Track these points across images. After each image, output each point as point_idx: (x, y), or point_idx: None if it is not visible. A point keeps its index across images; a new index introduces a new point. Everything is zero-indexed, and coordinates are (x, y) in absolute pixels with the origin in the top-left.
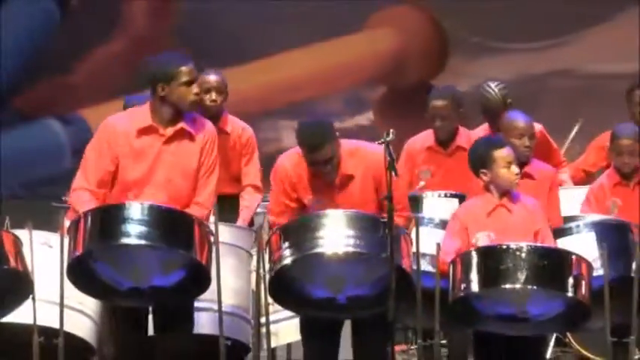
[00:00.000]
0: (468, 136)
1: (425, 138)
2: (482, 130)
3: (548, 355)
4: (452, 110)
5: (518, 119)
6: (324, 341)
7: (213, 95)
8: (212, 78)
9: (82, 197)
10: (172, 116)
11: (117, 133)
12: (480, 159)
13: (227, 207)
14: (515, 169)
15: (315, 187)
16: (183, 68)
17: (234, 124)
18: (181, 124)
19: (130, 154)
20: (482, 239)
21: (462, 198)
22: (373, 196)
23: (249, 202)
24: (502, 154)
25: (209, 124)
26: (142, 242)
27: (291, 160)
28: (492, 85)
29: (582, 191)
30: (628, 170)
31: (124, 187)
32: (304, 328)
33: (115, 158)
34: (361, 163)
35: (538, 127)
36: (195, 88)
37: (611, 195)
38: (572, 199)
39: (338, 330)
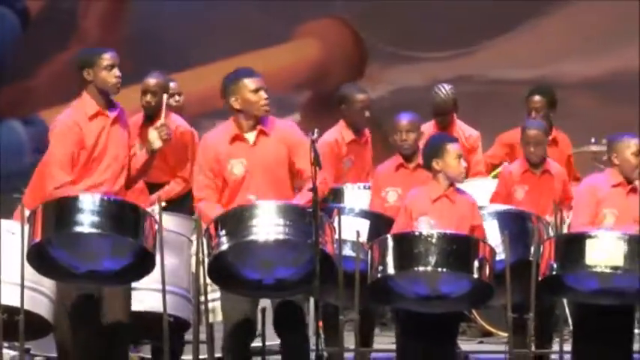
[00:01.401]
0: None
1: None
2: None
3: None
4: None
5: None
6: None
7: (148, 97)
8: (151, 81)
9: (71, 191)
10: (106, 101)
11: (71, 123)
12: (433, 149)
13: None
14: (464, 163)
15: (235, 149)
16: (105, 54)
17: (170, 122)
18: (118, 110)
19: (90, 137)
20: (423, 224)
21: None
22: (286, 160)
23: (170, 187)
24: (454, 147)
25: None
26: (94, 231)
27: (211, 134)
28: (445, 86)
29: (489, 182)
30: (535, 159)
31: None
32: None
33: (80, 141)
34: (276, 128)
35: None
36: (116, 72)
37: (519, 181)
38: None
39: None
